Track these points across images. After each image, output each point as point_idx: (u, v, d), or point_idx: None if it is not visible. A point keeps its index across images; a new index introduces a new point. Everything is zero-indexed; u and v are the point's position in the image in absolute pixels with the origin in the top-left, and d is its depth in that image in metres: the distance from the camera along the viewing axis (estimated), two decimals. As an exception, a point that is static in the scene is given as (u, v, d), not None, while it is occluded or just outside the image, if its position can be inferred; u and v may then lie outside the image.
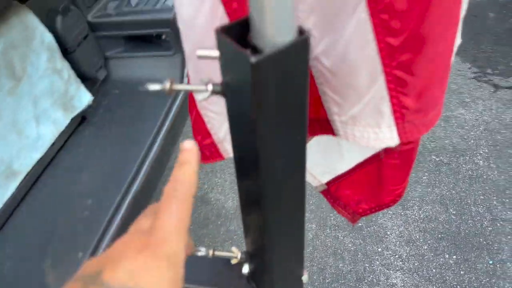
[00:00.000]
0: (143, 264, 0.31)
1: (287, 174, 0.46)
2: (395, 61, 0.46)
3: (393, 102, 0.49)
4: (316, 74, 0.51)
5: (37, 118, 0.72)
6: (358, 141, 0.54)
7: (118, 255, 0.32)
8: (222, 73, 0.42)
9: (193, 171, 0.38)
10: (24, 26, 0.68)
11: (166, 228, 0.34)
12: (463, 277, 1.44)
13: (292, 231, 0.56)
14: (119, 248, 0.33)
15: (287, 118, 0.41)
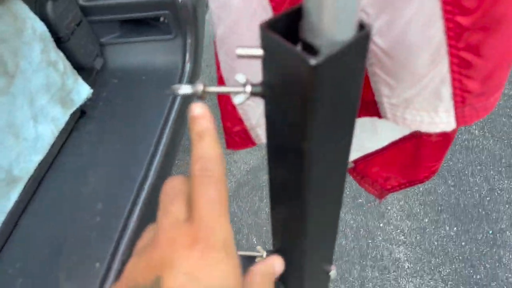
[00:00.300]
0: (200, 260, 0.28)
1: (330, 170, 0.43)
2: (463, 42, 0.43)
3: (454, 86, 0.46)
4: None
5: (34, 117, 0.65)
6: (409, 125, 0.52)
7: (169, 257, 0.28)
8: (264, 74, 0.37)
9: (215, 142, 0.33)
10: (13, 16, 0.61)
11: (210, 215, 0.30)
12: (464, 248, 1.47)
13: (328, 226, 0.54)
14: (165, 248, 0.29)
15: (338, 119, 0.37)
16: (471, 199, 1.59)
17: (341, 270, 1.43)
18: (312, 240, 0.51)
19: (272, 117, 0.40)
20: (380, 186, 0.78)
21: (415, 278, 1.40)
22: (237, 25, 0.51)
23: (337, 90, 0.34)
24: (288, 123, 0.38)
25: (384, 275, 1.42)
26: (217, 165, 0.31)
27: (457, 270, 1.41)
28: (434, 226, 1.53)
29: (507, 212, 1.55)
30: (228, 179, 1.72)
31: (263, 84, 0.38)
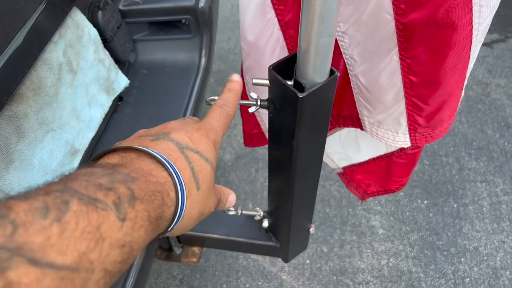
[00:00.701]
0: (199, 137, 0.43)
1: (311, 157, 0.63)
2: (414, 92, 0.62)
3: (409, 118, 0.66)
4: (353, 86, 0.67)
5: (89, 103, 0.85)
6: (380, 139, 0.72)
7: (178, 127, 0.43)
8: (270, 95, 0.57)
9: (237, 97, 0.53)
10: (75, 25, 0.79)
11: (214, 122, 0.47)
12: (431, 218, 1.66)
13: (308, 195, 0.75)
14: (177, 124, 0.45)
15: (316, 127, 0.57)
16: (442, 176, 1.78)
17: (324, 233, 1.63)
18: (297, 202, 0.72)
19: (273, 123, 0.61)
20: (363, 190, 0.97)
21: (387, 242, 1.61)
22: (260, 60, 0.69)
23: (316, 110, 0.54)
24: (284, 128, 0.58)
25: (361, 239, 1.62)
26: (232, 107, 0.51)
27: (423, 237, 1.61)
28: (408, 199, 1.72)
29: (472, 189, 1.74)
30: (228, 152, 1.89)
31: (268, 101, 0.58)
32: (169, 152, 0.39)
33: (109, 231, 0.28)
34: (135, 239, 0.30)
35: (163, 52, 1.04)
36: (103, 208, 0.28)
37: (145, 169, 0.35)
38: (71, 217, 0.26)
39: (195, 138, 0.43)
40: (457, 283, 1.50)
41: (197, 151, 0.41)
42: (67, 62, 0.78)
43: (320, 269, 1.54)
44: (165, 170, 0.36)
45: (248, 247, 0.90)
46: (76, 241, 0.25)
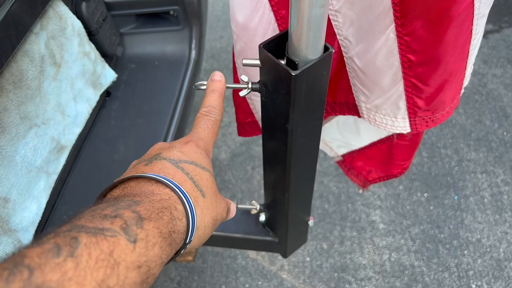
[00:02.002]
0: (189, 149, 0.44)
1: (307, 144, 0.60)
2: (412, 72, 0.58)
3: (408, 101, 0.62)
4: (349, 70, 0.64)
5: (75, 98, 0.81)
6: (378, 125, 0.68)
7: (168, 146, 0.44)
8: (261, 77, 0.54)
9: (221, 98, 0.52)
10: (58, 16, 0.76)
11: (201, 133, 0.48)
12: (432, 211, 1.64)
13: (306, 185, 0.71)
14: (165, 144, 0.45)
15: (311, 109, 0.54)
16: (442, 169, 1.76)
17: (323, 230, 1.60)
18: (294, 193, 0.69)
19: (266, 106, 0.57)
20: (364, 177, 0.94)
21: (388, 237, 1.58)
22: (252, 42, 0.66)
23: (310, 90, 0.51)
24: (277, 111, 0.55)
25: (361, 234, 1.59)
26: (217, 112, 0.50)
27: (424, 230, 1.59)
28: (408, 192, 1.70)
29: (472, 181, 1.72)
30: (223, 150, 1.86)
31: (260, 83, 0.55)
32: (165, 170, 0.40)
33: (122, 255, 0.29)
34: (150, 257, 0.31)
35: (151, 45, 1.01)
36: (112, 235, 0.29)
37: (146, 191, 0.37)
38: (83, 249, 0.27)
39: (186, 150, 0.44)
40: (461, 276, 1.47)
41: (192, 162, 0.42)
42: (49, 55, 0.75)
43: (321, 266, 1.51)
44: (166, 187, 0.38)
45: (245, 243, 0.87)
46: (92, 271, 0.26)
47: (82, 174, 0.80)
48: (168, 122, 0.89)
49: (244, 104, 0.79)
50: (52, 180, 0.76)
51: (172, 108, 0.91)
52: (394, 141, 0.78)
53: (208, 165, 0.44)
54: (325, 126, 0.88)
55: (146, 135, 0.86)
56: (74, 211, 0.79)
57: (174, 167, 0.41)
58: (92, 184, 0.79)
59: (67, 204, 0.76)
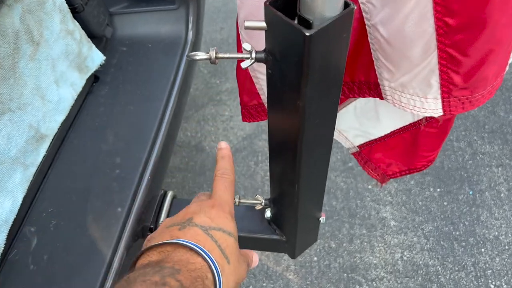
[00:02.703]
0: (216, 214, 0.50)
1: (322, 127, 0.51)
2: (450, 40, 0.49)
3: (442, 77, 0.53)
4: (371, 41, 0.54)
5: (57, 82, 0.73)
6: (404, 108, 0.58)
7: (197, 210, 0.50)
8: (267, 43, 0.45)
9: (231, 162, 0.60)
10: (36, -12, 0.67)
11: (223, 195, 0.55)
12: (446, 207, 1.56)
13: (318, 175, 0.63)
14: (195, 208, 0.51)
15: (327, 82, 0.45)
16: (455, 162, 1.67)
17: (331, 228, 1.52)
18: (306, 185, 0.60)
19: (273, 80, 0.48)
20: (382, 171, 0.84)
21: (400, 234, 1.50)
22: (257, 10, 0.57)
23: (327, 57, 0.42)
24: (286, 85, 0.46)
25: (371, 232, 1.51)
26: (230, 172, 0.58)
27: (438, 227, 1.51)
28: (419, 187, 1.62)
29: (487, 175, 1.63)
30: (225, 145, 1.77)
31: (266, 52, 0.46)
32: (197, 238, 0.45)
33: None
34: None
35: (144, 26, 0.92)
36: None
37: (183, 259, 0.41)
38: None
39: (213, 216, 0.49)
40: (479, 276, 1.39)
41: (219, 228, 0.48)
42: (26, 31, 0.66)
43: (329, 266, 1.42)
44: (199, 256, 0.42)
45: (248, 243, 0.78)
46: None
47: (65, 166, 0.72)
48: (162, 109, 0.80)
49: (249, 83, 0.70)
50: (30, 173, 0.67)
51: (166, 94, 0.82)
52: (421, 128, 0.68)
53: (233, 230, 0.50)
54: (341, 112, 0.78)
55: (138, 123, 0.77)
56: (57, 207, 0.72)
57: (204, 234, 0.46)
58: (76, 178, 0.71)
59: (48, 200, 0.68)
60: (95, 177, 0.70)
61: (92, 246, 0.63)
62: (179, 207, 0.84)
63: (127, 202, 0.67)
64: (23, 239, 0.64)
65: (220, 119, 1.87)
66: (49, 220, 0.65)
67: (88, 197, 0.67)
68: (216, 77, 2.01)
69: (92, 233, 0.64)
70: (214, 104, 1.91)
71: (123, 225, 0.65)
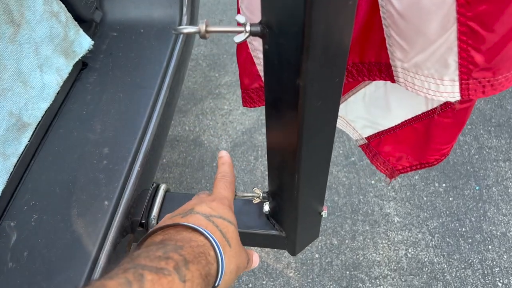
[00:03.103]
0: (217, 205, 0.52)
1: (324, 110, 0.46)
2: (472, 11, 0.43)
3: (461, 55, 0.47)
4: (384, 15, 0.49)
5: (40, 67, 0.68)
6: (417, 91, 0.53)
7: (199, 202, 0.52)
8: (263, 13, 0.40)
9: (231, 167, 0.63)
10: (16, -35, 0.62)
11: (223, 191, 0.58)
12: (452, 203, 1.51)
13: (320, 165, 0.58)
14: (196, 201, 0.53)
15: (331, 57, 0.40)
16: (460, 157, 1.63)
17: (333, 224, 1.47)
18: (306, 177, 0.55)
19: (270, 57, 0.43)
20: (392, 165, 0.78)
21: (404, 231, 1.45)
22: None
23: (330, 27, 0.37)
24: (285, 61, 0.41)
25: (375, 228, 1.46)
26: (231, 175, 0.61)
27: (444, 224, 1.46)
28: (424, 182, 1.57)
29: (494, 169, 1.59)
30: (224, 140, 1.74)
31: (262, 24, 0.41)
32: (199, 222, 0.47)
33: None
34: None
35: (135, 10, 0.87)
36: (169, 274, 0.36)
37: (185, 238, 0.43)
38: (149, 285, 0.34)
39: (214, 207, 0.51)
40: (486, 273, 1.34)
41: (220, 216, 0.50)
42: (4, 10, 0.61)
43: (331, 263, 1.38)
44: (201, 235, 0.44)
45: (246, 239, 0.73)
46: None
47: (49, 157, 0.67)
48: (154, 97, 0.75)
49: (249, 64, 0.65)
50: (11, 164, 0.62)
51: (159, 81, 0.77)
52: (435, 118, 0.63)
53: (233, 219, 0.52)
54: (349, 100, 0.73)
55: (128, 112, 0.73)
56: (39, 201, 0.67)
57: (206, 220, 0.48)
58: (61, 169, 0.66)
59: (30, 193, 0.63)
60: (81, 169, 0.65)
61: (77, 242, 0.58)
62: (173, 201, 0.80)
63: (115, 195, 0.62)
64: (2, 234, 0.59)
65: (219, 113, 1.83)
66: (31, 214, 0.60)
67: (73, 189, 0.62)
68: (215, 70, 1.96)
69: (77, 228, 0.60)
70: (213, 98, 1.86)
71: (110, 220, 0.60)
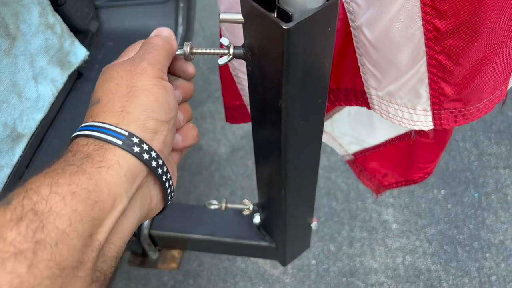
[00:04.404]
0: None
1: (307, 128, 0.47)
2: (440, 45, 0.44)
3: (431, 87, 0.48)
4: (357, 45, 0.50)
5: (35, 78, 0.69)
6: (391, 119, 0.54)
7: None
8: (245, 37, 0.41)
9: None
10: (11, -21, 0.63)
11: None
12: (450, 210, 1.51)
13: (307, 180, 0.58)
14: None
15: (312, 80, 0.41)
16: (460, 163, 1.62)
17: (331, 231, 1.48)
18: (293, 190, 0.56)
19: (253, 78, 0.44)
20: (378, 181, 0.79)
21: (402, 238, 1.45)
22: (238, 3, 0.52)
23: (309, 53, 0.37)
24: (267, 83, 0.42)
25: (372, 235, 1.47)
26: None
27: (442, 231, 1.46)
28: (423, 189, 1.57)
29: (494, 177, 1.58)
30: (223, 144, 1.74)
31: (245, 47, 0.42)
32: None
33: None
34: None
35: (131, 20, 0.88)
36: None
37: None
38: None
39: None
40: (483, 282, 1.34)
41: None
42: (1, 24, 0.63)
43: (328, 270, 1.38)
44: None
45: (237, 249, 0.74)
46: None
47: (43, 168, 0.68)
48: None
49: (230, 82, 0.66)
50: (5, 175, 0.63)
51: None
52: (413, 138, 0.63)
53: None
54: (334, 118, 0.74)
55: (122, 122, 0.73)
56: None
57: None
58: (54, 179, 0.67)
59: (23, 203, 0.64)
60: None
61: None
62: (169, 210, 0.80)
63: (106, 206, 0.63)
64: (-5, 244, 0.60)
65: (219, 117, 1.83)
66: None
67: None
68: (216, 74, 1.97)
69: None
70: (213, 101, 1.87)
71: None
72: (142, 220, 0.39)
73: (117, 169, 0.33)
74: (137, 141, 0.35)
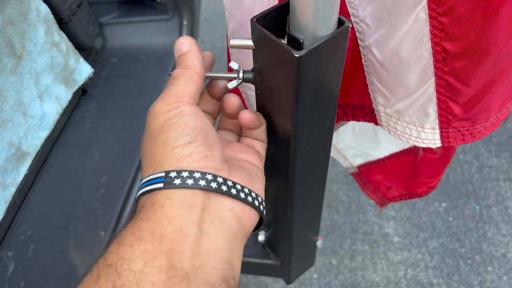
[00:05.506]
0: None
1: (316, 152, 0.47)
2: (448, 67, 0.44)
3: (440, 106, 0.48)
4: (365, 63, 0.50)
5: (40, 96, 0.69)
6: (399, 136, 0.54)
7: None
8: (255, 63, 0.41)
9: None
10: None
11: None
12: (452, 223, 1.51)
13: (313, 200, 0.58)
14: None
15: (321, 104, 0.41)
16: (461, 176, 1.63)
17: (332, 244, 1.47)
18: (300, 209, 0.56)
19: (262, 101, 0.44)
20: (382, 194, 0.80)
21: (403, 251, 1.45)
22: (246, 22, 0.53)
23: (319, 79, 0.38)
24: (276, 107, 0.42)
25: (374, 248, 1.46)
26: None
27: (443, 244, 1.46)
28: (424, 202, 1.57)
29: (495, 189, 1.58)
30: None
31: (254, 71, 0.42)
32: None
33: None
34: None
35: (135, 37, 0.89)
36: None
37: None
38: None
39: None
40: (485, 296, 1.33)
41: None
42: (7, 43, 0.63)
43: (330, 284, 1.37)
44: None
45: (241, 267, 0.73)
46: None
47: (47, 186, 0.68)
48: (152, 125, 0.76)
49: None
50: (9, 194, 0.63)
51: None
52: (420, 154, 0.64)
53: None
54: (339, 130, 0.74)
55: (126, 140, 0.74)
56: (36, 231, 0.68)
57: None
58: (59, 198, 0.67)
59: (28, 223, 0.64)
60: (78, 198, 0.66)
61: (73, 273, 0.59)
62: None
63: (111, 225, 0.63)
64: (0, 264, 0.60)
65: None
66: (28, 244, 0.61)
67: (70, 219, 0.63)
68: (217, 86, 1.97)
69: (73, 259, 0.60)
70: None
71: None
72: (237, 233, 0.39)
73: (170, 204, 0.34)
74: (175, 175, 0.36)
